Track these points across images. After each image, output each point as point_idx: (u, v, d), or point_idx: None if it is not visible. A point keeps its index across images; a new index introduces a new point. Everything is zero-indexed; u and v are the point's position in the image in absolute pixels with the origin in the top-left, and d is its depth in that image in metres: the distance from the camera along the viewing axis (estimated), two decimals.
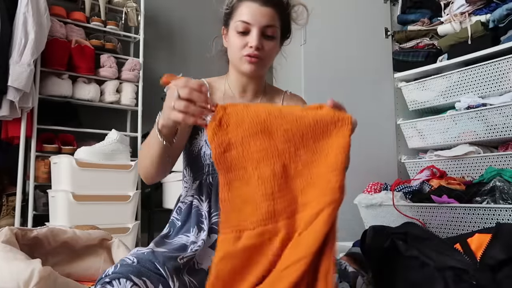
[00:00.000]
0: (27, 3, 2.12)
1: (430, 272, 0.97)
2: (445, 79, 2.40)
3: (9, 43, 2.12)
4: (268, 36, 1.05)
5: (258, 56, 1.05)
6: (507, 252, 0.95)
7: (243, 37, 1.05)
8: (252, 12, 1.03)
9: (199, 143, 1.07)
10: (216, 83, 1.18)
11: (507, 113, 2.06)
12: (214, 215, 1.02)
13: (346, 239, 2.13)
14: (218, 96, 1.15)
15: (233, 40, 1.06)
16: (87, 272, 1.30)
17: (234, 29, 1.06)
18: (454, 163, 2.29)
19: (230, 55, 1.11)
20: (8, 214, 2.26)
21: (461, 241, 1.04)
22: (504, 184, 1.76)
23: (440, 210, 1.91)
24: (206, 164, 1.05)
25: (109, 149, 2.21)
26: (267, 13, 1.04)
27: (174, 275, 0.84)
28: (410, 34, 2.65)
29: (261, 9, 1.03)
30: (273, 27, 1.06)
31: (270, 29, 1.05)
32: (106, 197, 2.15)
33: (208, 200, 1.03)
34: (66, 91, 2.37)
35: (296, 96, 1.23)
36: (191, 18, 3.15)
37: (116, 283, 0.76)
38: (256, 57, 1.05)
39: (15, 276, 0.95)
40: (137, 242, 2.33)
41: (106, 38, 2.61)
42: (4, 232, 1.14)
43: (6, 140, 2.27)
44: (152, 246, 0.95)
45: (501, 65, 2.12)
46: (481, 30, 2.23)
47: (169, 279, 0.82)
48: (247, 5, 1.04)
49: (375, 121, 2.62)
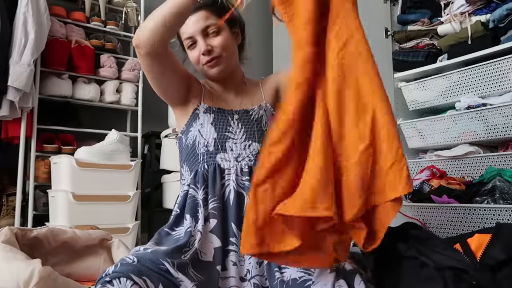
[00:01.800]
0: (27, 3, 2.12)
1: (430, 272, 0.97)
2: (445, 79, 2.40)
3: (9, 43, 2.12)
4: (212, 33, 1.10)
5: (214, 57, 1.11)
6: (507, 252, 0.95)
7: (194, 50, 1.12)
8: (186, 25, 1.09)
9: (194, 134, 1.11)
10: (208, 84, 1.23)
11: (507, 113, 2.06)
12: (212, 201, 1.04)
13: None
14: (209, 91, 1.19)
15: (190, 56, 1.14)
16: (87, 272, 1.30)
17: (186, 47, 1.14)
18: (454, 163, 2.29)
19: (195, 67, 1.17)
20: (8, 214, 2.26)
21: (461, 241, 1.04)
22: (504, 184, 1.76)
23: (440, 210, 1.91)
24: (201, 153, 1.08)
25: (109, 149, 2.21)
26: (199, 17, 1.10)
27: (180, 271, 0.84)
28: (410, 34, 2.65)
29: (191, 18, 1.09)
30: (211, 25, 1.10)
31: (210, 28, 1.10)
32: (106, 197, 2.15)
33: (204, 186, 1.06)
34: (66, 91, 2.37)
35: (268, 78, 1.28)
36: None
37: (117, 282, 0.76)
38: (212, 59, 1.11)
39: (15, 276, 0.95)
40: (137, 242, 2.33)
41: (106, 38, 2.61)
42: (4, 232, 1.14)
43: (6, 140, 2.27)
44: (153, 243, 0.96)
45: (501, 65, 2.12)
46: (481, 30, 2.23)
47: (174, 275, 0.82)
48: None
49: None
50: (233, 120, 1.13)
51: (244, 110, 1.16)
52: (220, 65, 1.12)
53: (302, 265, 0.90)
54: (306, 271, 0.93)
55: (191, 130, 1.12)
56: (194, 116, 1.13)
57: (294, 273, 0.93)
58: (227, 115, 1.14)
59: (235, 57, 1.18)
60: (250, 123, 1.14)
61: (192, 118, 1.13)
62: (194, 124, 1.12)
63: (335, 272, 0.90)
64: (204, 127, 1.10)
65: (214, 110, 1.14)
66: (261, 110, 1.18)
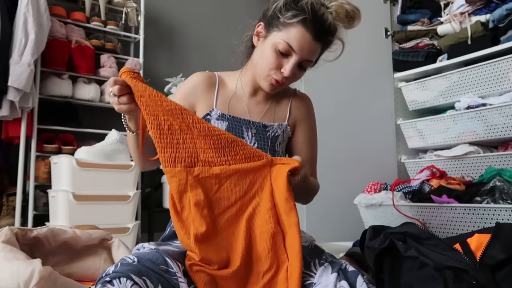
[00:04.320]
0: (27, 3, 2.12)
1: (430, 272, 0.97)
2: (445, 79, 2.40)
3: (9, 43, 2.12)
4: (301, 67, 1.05)
5: (284, 83, 1.06)
6: (506, 252, 0.95)
7: (279, 57, 1.03)
8: (302, 42, 1.00)
9: None
10: (228, 79, 1.17)
11: (507, 113, 2.06)
12: None
13: (346, 239, 2.13)
14: (228, 94, 1.14)
15: (268, 54, 1.03)
16: (87, 272, 1.30)
17: (275, 44, 1.02)
18: (454, 163, 2.29)
19: (257, 64, 1.08)
20: (8, 214, 2.26)
21: (461, 241, 1.04)
22: (504, 184, 1.76)
23: (440, 210, 1.92)
24: None
25: (109, 149, 2.21)
26: (314, 49, 1.03)
27: (183, 271, 0.85)
28: (410, 34, 2.65)
29: (311, 43, 1.01)
30: (310, 61, 1.05)
31: (306, 63, 1.05)
32: (106, 197, 2.15)
33: None
34: (66, 91, 2.37)
35: (304, 96, 1.23)
36: (191, 18, 3.16)
37: (117, 282, 0.76)
38: (281, 83, 1.05)
39: (15, 276, 0.95)
40: (137, 242, 2.33)
41: (106, 38, 2.61)
42: (4, 232, 1.14)
43: (6, 140, 2.27)
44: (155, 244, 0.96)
45: (501, 65, 2.13)
46: (481, 30, 2.24)
47: (178, 274, 0.82)
48: (301, 31, 1.00)
49: (375, 121, 2.63)
50: (247, 132, 1.09)
51: (263, 124, 1.11)
52: (279, 89, 1.09)
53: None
54: (307, 272, 0.93)
55: None
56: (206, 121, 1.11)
57: None
58: (242, 125, 1.09)
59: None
60: (265, 139, 1.11)
61: None
62: None
63: (336, 273, 0.89)
64: None
65: (228, 118, 1.09)
66: (279, 129, 1.13)
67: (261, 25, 1.08)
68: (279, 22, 1.02)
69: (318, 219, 2.30)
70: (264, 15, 1.08)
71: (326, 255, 1.00)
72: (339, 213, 2.35)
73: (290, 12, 1.01)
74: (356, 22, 1.07)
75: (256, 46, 1.10)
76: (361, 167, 2.48)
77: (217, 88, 1.13)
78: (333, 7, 1.02)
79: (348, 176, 2.41)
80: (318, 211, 2.32)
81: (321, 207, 2.34)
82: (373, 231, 1.16)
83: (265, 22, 1.07)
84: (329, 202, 2.35)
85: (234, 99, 1.13)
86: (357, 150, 2.51)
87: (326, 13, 1.01)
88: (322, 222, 2.29)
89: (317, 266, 0.94)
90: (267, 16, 1.06)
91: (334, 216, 2.34)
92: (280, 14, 1.02)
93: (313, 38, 1.00)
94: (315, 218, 2.29)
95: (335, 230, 2.29)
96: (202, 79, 1.13)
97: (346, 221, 2.32)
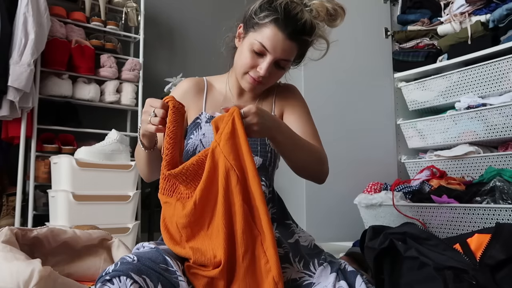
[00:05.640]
0: (27, 3, 2.12)
1: (430, 272, 0.97)
2: (445, 79, 2.40)
3: (9, 43, 2.12)
4: (279, 66, 1.05)
5: (261, 82, 1.06)
6: (506, 252, 0.95)
7: (255, 57, 1.03)
8: (275, 41, 1.00)
9: (194, 142, 1.10)
10: (216, 83, 1.20)
11: (507, 113, 2.06)
12: None
13: (346, 239, 2.13)
14: (216, 97, 1.16)
15: (244, 54, 1.04)
16: (87, 272, 1.30)
17: (250, 44, 1.03)
18: (454, 163, 2.29)
19: (236, 63, 1.09)
20: (8, 214, 2.26)
21: (461, 241, 1.04)
22: (504, 184, 1.76)
23: (440, 210, 1.92)
24: None
25: (109, 149, 2.21)
26: (288, 47, 1.02)
27: (182, 270, 0.85)
28: (410, 34, 2.65)
29: (284, 42, 1.00)
30: (288, 61, 1.05)
31: (283, 62, 1.04)
32: (106, 197, 2.15)
33: None
34: (66, 91, 2.37)
35: (287, 86, 1.22)
36: (191, 18, 3.16)
37: (117, 281, 0.76)
38: (259, 82, 1.05)
39: (15, 276, 0.95)
40: (137, 242, 2.33)
41: (106, 38, 2.61)
42: (4, 232, 1.14)
43: (6, 140, 2.27)
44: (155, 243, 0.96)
45: (501, 65, 2.13)
46: (481, 30, 2.24)
47: (178, 272, 0.82)
48: (274, 31, 1.00)
49: (375, 121, 2.63)
50: None
51: None
52: (258, 89, 1.09)
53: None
54: (307, 272, 0.93)
55: (191, 137, 1.10)
56: (195, 124, 1.11)
57: (295, 273, 0.93)
58: None
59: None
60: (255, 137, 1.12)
61: (193, 126, 1.11)
62: (195, 133, 1.10)
63: (336, 273, 0.90)
64: (206, 137, 1.09)
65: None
66: None
67: (241, 27, 1.10)
68: (254, 22, 1.03)
69: (318, 219, 2.30)
70: (244, 17, 1.09)
71: (325, 255, 1.01)
72: (339, 213, 2.35)
73: (263, 13, 1.02)
74: (339, 21, 1.07)
75: (237, 47, 1.11)
76: (361, 167, 2.48)
77: (206, 92, 1.15)
78: (313, 5, 1.03)
79: (348, 176, 2.41)
80: (318, 211, 2.32)
81: (321, 207, 2.34)
82: (373, 231, 1.16)
83: (244, 23, 1.09)
84: (329, 202, 2.35)
85: (224, 101, 1.15)
86: (357, 150, 2.51)
87: (302, 12, 1.01)
88: (322, 222, 2.30)
89: (316, 266, 0.94)
90: (246, 17, 1.08)
91: (334, 216, 2.34)
92: (255, 15, 1.04)
93: (286, 37, 1.00)
94: (315, 218, 2.29)
95: (335, 230, 2.29)
96: (191, 85, 1.16)
97: (346, 221, 2.32)
